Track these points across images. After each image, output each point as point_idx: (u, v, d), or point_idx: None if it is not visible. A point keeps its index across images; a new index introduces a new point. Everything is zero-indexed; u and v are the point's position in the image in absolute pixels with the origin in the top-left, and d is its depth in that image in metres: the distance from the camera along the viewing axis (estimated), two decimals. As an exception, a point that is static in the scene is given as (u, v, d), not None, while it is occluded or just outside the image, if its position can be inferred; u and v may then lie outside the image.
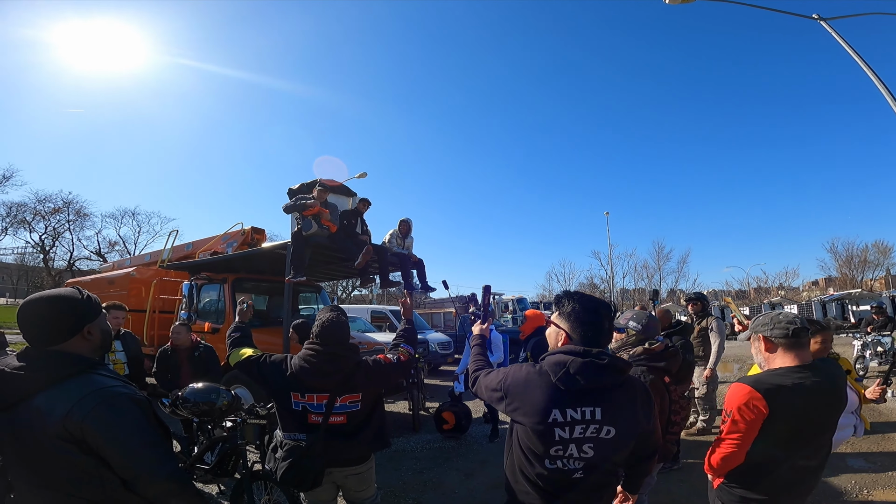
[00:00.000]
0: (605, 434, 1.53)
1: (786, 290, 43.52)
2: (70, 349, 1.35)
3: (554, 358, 1.58)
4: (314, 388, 2.31)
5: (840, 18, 10.24)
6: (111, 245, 38.74)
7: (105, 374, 1.37)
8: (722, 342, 5.80)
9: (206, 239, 9.12)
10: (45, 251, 36.39)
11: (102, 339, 1.46)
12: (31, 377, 1.25)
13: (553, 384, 1.53)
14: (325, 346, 2.36)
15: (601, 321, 1.63)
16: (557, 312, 1.69)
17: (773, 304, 27.14)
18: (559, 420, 1.50)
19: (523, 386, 1.59)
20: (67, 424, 1.20)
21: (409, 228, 7.26)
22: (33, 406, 1.23)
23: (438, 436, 6.08)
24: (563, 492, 1.58)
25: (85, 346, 1.39)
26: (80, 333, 1.38)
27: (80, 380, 1.30)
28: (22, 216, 34.71)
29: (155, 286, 8.51)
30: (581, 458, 1.54)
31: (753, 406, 1.87)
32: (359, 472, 2.45)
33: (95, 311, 1.45)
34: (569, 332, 1.63)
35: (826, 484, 4.33)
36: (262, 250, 6.85)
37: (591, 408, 1.52)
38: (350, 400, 2.37)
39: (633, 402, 1.62)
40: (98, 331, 1.44)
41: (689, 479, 4.36)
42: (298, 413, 2.32)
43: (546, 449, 1.54)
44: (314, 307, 8.89)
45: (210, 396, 3.32)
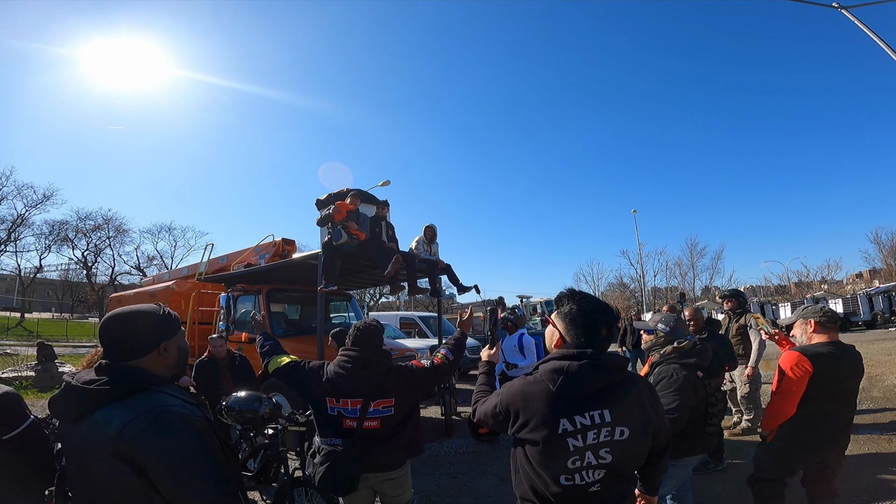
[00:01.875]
0: (620, 435, 1.46)
1: (828, 284, 41.65)
2: (146, 366, 1.33)
3: (549, 366, 1.51)
4: (348, 392, 2.37)
5: (861, 6, 9.94)
6: (150, 259, 40.50)
7: (170, 392, 1.32)
8: (762, 339, 5.61)
9: (239, 251, 9.41)
10: (87, 267, 38.19)
11: (179, 357, 1.44)
12: (95, 391, 1.23)
13: (554, 393, 1.45)
14: (359, 352, 2.42)
15: (598, 325, 1.55)
16: (556, 311, 1.63)
17: (817, 298, 25.97)
18: (569, 429, 1.42)
19: (522, 401, 1.50)
20: (119, 443, 1.16)
21: (435, 234, 7.31)
22: (93, 420, 1.21)
23: (471, 440, 6.07)
24: None
25: (160, 364, 1.37)
26: (155, 350, 1.36)
27: (141, 397, 1.26)
28: (64, 234, 36.55)
29: (194, 298, 8.82)
30: (600, 466, 1.46)
31: (802, 366, 2.65)
32: (394, 477, 2.48)
33: (173, 329, 1.43)
34: (563, 334, 1.58)
35: (884, 481, 4.24)
36: (294, 261, 7.03)
37: (599, 411, 1.45)
38: (383, 405, 2.41)
39: (639, 397, 1.56)
40: (175, 348, 1.41)
41: (737, 480, 4.24)
42: (334, 418, 2.39)
43: (563, 462, 1.44)
44: (345, 315, 9.05)
45: (253, 405, 3.42)
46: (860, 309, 23.61)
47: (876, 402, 7.40)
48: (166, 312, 1.44)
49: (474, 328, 20.86)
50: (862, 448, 5.21)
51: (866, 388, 8.44)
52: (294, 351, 6.79)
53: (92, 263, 38.43)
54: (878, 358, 11.94)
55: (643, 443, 1.55)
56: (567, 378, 1.44)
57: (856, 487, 4.12)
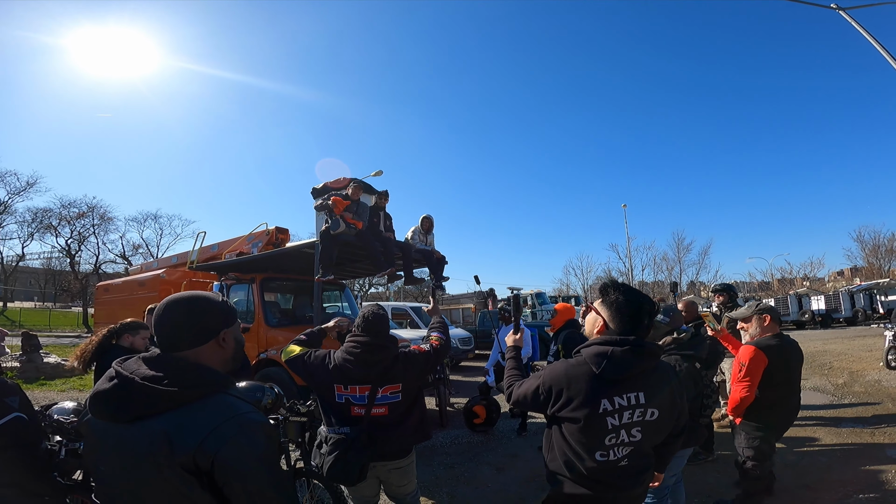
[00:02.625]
0: (650, 416, 1.61)
1: (810, 281, 42.46)
2: (202, 357, 1.22)
3: (592, 350, 1.63)
4: (357, 379, 2.37)
5: (858, 8, 10.08)
6: (135, 248, 39.76)
7: (237, 395, 1.23)
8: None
9: (231, 240, 9.30)
10: (71, 255, 37.42)
11: (236, 349, 1.33)
12: (163, 392, 1.09)
13: (597, 375, 1.57)
14: (368, 337, 2.43)
15: (642, 315, 1.66)
16: (601, 300, 1.74)
17: (800, 295, 26.44)
18: (609, 409, 1.56)
19: (566, 382, 1.62)
20: (199, 455, 1.04)
21: (432, 225, 7.31)
22: (157, 427, 1.07)
23: (466, 431, 6.13)
24: (611, 480, 1.63)
25: (218, 356, 1.26)
26: (215, 339, 1.25)
27: (215, 402, 1.14)
28: (48, 221, 35.76)
29: (184, 287, 8.71)
30: (630, 444, 1.61)
31: (759, 358, 3.21)
32: (401, 465, 2.49)
33: (233, 317, 1.33)
34: (607, 321, 1.68)
35: (868, 473, 4.36)
36: (291, 250, 6.96)
37: (635, 393, 1.59)
38: (391, 391, 2.42)
39: (669, 383, 1.71)
40: (233, 339, 1.31)
41: (726, 471, 4.36)
42: (342, 406, 2.38)
43: (600, 439, 1.58)
44: (338, 305, 9.02)
45: (255, 395, 3.37)
46: (842, 306, 24.08)
47: (858, 396, 7.57)
48: (224, 300, 1.35)
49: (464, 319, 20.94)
50: (845, 440, 5.37)
51: (848, 384, 8.65)
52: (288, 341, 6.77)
53: (76, 252, 37.64)
54: (859, 354, 12.22)
55: (669, 424, 1.71)
56: (611, 361, 1.56)
57: (841, 479, 4.25)
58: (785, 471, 4.49)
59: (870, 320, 23.27)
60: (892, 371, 9.23)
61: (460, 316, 20.94)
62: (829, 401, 7.47)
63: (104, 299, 10.77)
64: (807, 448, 5.22)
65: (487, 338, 16.01)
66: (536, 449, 5.35)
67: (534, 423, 6.38)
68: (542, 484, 4.35)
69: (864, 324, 23.18)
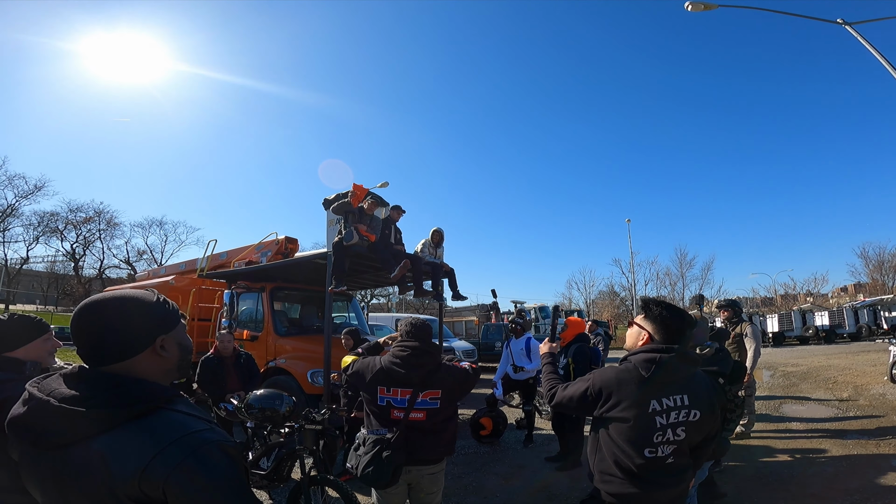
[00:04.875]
0: (693, 417, 1.77)
1: (813, 297, 42.38)
2: (137, 369, 1.03)
3: (641, 357, 1.80)
4: (400, 381, 2.47)
5: (865, 23, 10.17)
6: (139, 254, 40.01)
7: (185, 410, 1.03)
8: (758, 347, 5.79)
9: (240, 248, 9.42)
10: (75, 259, 37.64)
11: (181, 356, 1.12)
12: (85, 415, 0.92)
13: (646, 378, 1.74)
14: (416, 342, 2.55)
15: (685, 327, 1.87)
16: (643, 315, 1.93)
17: (804, 311, 26.43)
18: (657, 409, 1.73)
19: (616, 385, 1.79)
20: (145, 483, 0.89)
21: (442, 238, 7.41)
22: (94, 451, 0.91)
23: (472, 441, 6.16)
24: (657, 477, 1.77)
25: (156, 366, 1.06)
26: (150, 347, 1.05)
27: (158, 420, 0.97)
28: (54, 225, 36.01)
29: (194, 294, 8.81)
30: (674, 442, 1.76)
31: None
32: (434, 472, 2.57)
33: (172, 320, 1.12)
34: (652, 333, 1.87)
35: (874, 482, 4.43)
36: (303, 260, 7.07)
37: (680, 395, 1.76)
38: (430, 396, 2.51)
39: (707, 388, 1.88)
40: (175, 345, 1.10)
41: (734, 482, 4.47)
42: (383, 409, 2.48)
43: (649, 437, 1.73)
44: (345, 315, 9.10)
45: (274, 403, 3.47)
46: (846, 321, 24.10)
47: (862, 409, 7.63)
48: (162, 300, 1.12)
49: (467, 331, 20.97)
50: (851, 451, 5.43)
51: (853, 397, 8.71)
52: (296, 350, 6.87)
53: (80, 256, 37.93)
54: (863, 369, 12.24)
55: (708, 425, 1.87)
56: (659, 367, 1.74)
57: (847, 488, 4.31)
58: (791, 481, 4.56)
59: (874, 336, 23.24)
60: None
61: (463, 328, 21.00)
62: (833, 414, 7.52)
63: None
64: (813, 458, 5.27)
65: (491, 350, 16.03)
66: (543, 460, 5.40)
67: (539, 435, 6.42)
68: (551, 495, 4.47)
69: (867, 339, 23.14)
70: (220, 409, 4.39)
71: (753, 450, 5.59)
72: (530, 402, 6.22)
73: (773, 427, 6.75)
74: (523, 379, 6.09)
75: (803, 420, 7.19)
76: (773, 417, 7.46)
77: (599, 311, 42.83)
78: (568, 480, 4.78)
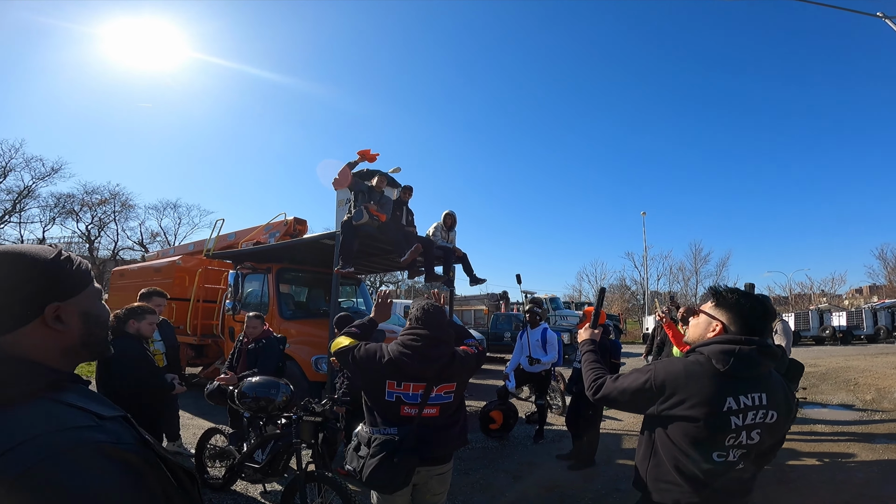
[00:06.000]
0: (770, 419, 1.54)
1: (828, 297, 41.51)
2: (21, 346, 0.81)
3: (716, 348, 1.55)
4: (413, 375, 2.18)
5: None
6: (153, 236, 40.13)
7: (73, 401, 0.81)
8: (789, 345, 5.47)
9: (248, 229, 9.24)
10: (90, 241, 37.94)
11: (87, 331, 0.88)
12: None
13: (721, 373, 1.51)
14: (430, 330, 2.25)
15: (768, 318, 1.65)
16: (714, 303, 1.68)
17: (821, 311, 25.87)
18: (734, 408, 1.49)
19: (685, 379, 1.55)
20: None
21: (454, 222, 7.14)
22: None
23: (480, 435, 5.93)
24: (726, 484, 1.55)
25: (48, 343, 0.84)
26: (40, 318, 0.82)
27: (28, 410, 0.76)
28: (70, 207, 36.28)
29: (199, 275, 8.67)
30: (745, 446, 1.53)
31: None
32: (442, 472, 2.32)
33: (76, 283, 0.88)
34: (727, 323, 1.62)
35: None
36: (310, 240, 6.83)
37: (759, 393, 1.53)
38: (445, 390, 2.25)
39: (783, 388, 1.64)
40: (76, 316, 0.87)
41: (760, 486, 4.02)
42: (391, 405, 2.19)
43: (720, 439, 1.51)
44: (353, 300, 8.89)
45: (269, 392, 3.23)
46: (864, 323, 23.53)
47: (888, 413, 7.38)
48: (63, 257, 0.88)
49: (476, 321, 20.71)
50: (881, 456, 5.18)
51: (876, 400, 8.40)
52: (301, 334, 6.66)
53: (95, 237, 38.18)
54: (885, 371, 11.86)
55: (783, 429, 1.64)
56: (739, 359, 1.50)
57: (880, 495, 4.10)
58: (821, 486, 4.32)
59: (891, 338, 22.70)
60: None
61: (472, 317, 20.75)
62: (858, 417, 7.27)
63: (119, 284, 10.75)
64: (841, 463, 5.01)
65: (500, 340, 15.77)
66: (555, 457, 5.16)
67: (550, 431, 6.18)
68: (562, 494, 4.21)
69: (885, 341, 22.63)
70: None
71: (779, 453, 5.28)
72: (543, 396, 5.96)
73: (798, 429, 6.44)
74: (538, 371, 5.82)
75: (828, 422, 6.89)
76: (797, 419, 7.14)
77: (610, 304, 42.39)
78: (581, 480, 4.54)
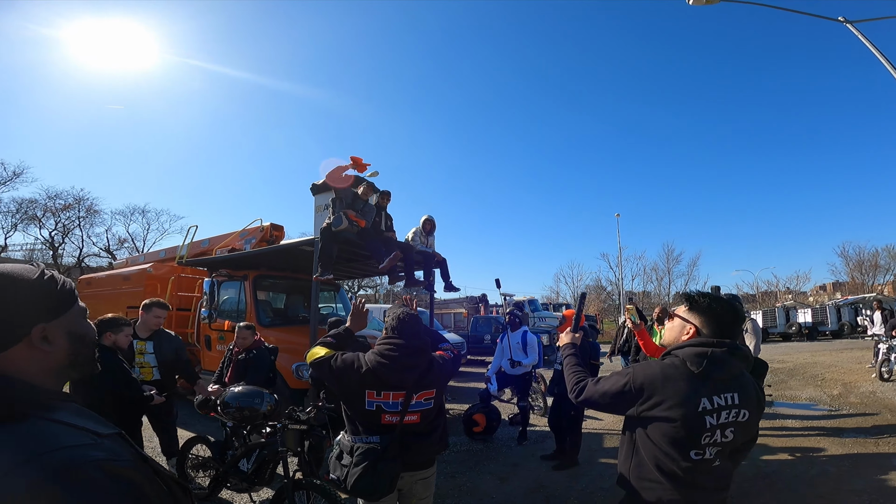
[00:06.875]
0: (742, 417, 1.61)
1: (794, 294, 43.14)
2: (11, 367, 0.82)
3: (690, 351, 1.63)
4: (392, 384, 2.19)
5: (867, 21, 10.08)
6: (120, 242, 38.84)
7: (67, 419, 0.81)
8: (758, 343, 5.67)
9: (222, 235, 9.03)
10: (54, 248, 36.51)
11: (74, 350, 0.89)
12: None
13: (696, 375, 1.58)
14: (406, 340, 2.26)
15: (739, 321, 1.71)
16: (687, 307, 1.74)
17: (787, 308, 26.82)
18: (708, 408, 1.57)
19: (662, 381, 1.61)
20: None
21: (433, 226, 7.15)
22: None
23: (465, 438, 5.94)
24: (704, 481, 1.62)
25: (35, 363, 0.84)
26: (27, 338, 0.83)
27: (19, 431, 0.76)
28: (32, 212, 34.84)
29: (172, 283, 8.43)
30: (721, 444, 1.60)
31: None
32: (426, 476, 2.35)
33: (62, 302, 0.89)
34: (700, 327, 1.69)
35: (879, 482, 4.38)
36: (289, 246, 6.73)
37: (732, 393, 1.60)
38: (425, 397, 2.27)
39: (754, 387, 1.71)
40: (63, 337, 0.87)
41: (737, 482, 4.13)
42: (371, 413, 2.19)
43: (696, 438, 1.57)
44: (332, 306, 8.79)
45: (254, 401, 3.18)
46: (828, 319, 24.47)
47: (855, 407, 7.61)
48: (47, 277, 0.89)
49: (456, 324, 20.73)
50: (851, 450, 5.36)
51: (843, 395, 8.70)
52: (280, 341, 6.56)
53: (59, 244, 36.72)
54: (851, 366, 12.33)
55: (754, 427, 1.71)
56: (712, 361, 1.58)
57: (854, 488, 4.23)
58: (796, 481, 4.46)
59: (854, 333, 23.67)
60: (885, 382, 9.30)
61: (452, 320, 20.77)
62: (827, 412, 7.50)
63: (86, 293, 10.34)
64: (814, 457, 5.18)
65: (480, 343, 15.83)
66: (540, 458, 5.20)
67: (533, 432, 6.22)
68: (548, 495, 4.24)
69: (848, 337, 23.57)
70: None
71: (753, 448, 5.45)
72: (525, 398, 6.00)
73: (769, 425, 6.65)
74: (519, 374, 5.86)
75: (798, 418, 7.12)
76: (768, 415, 7.36)
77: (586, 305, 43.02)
78: (566, 480, 4.58)
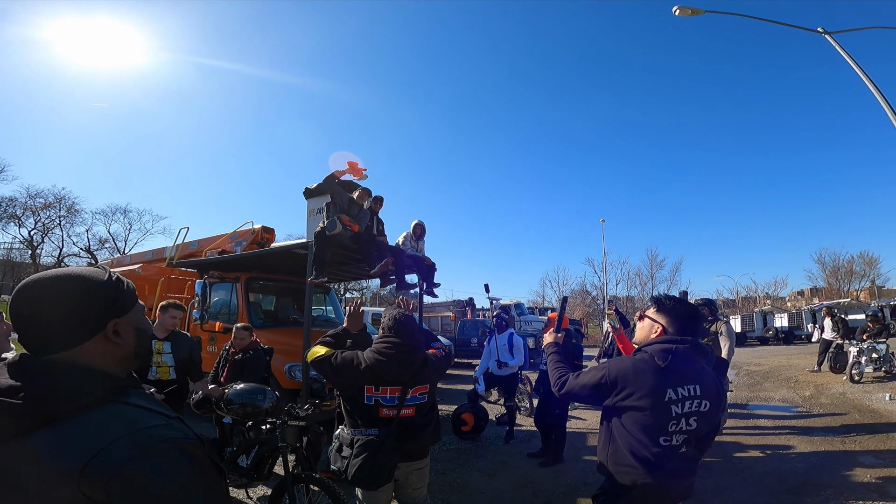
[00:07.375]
0: (703, 407, 1.80)
1: (772, 300, 44.23)
2: (86, 358, 0.90)
3: (657, 347, 1.84)
4: (389, 380, 2.36)
5: (843, 32, 10.47)
6: (101, 242, 38.20)
7: (139, 403, 0.91)
8: (732, 345, 5.92)
9: (213, 237, 9.05)
10: (33, 247, 35.72)
11: (138, 343, 0.99)
12: (27, 407, 0.81)
13: (662, 368, 1.78)
14: (402, 339, 2.45)
15: (699, 320, 1.96)
16: (655, 309, 1.97)
17: (765, 312, 27.54)
18: (673, 398, 1.76)
19: (633, 374, 1.81)
20: (84, 483, 0.77)
21: (423, 231, 7.29)
22: (30, 448, 0.80)
23: (454, 437, 6.09)
24: (673, 465, 1.80)
25: (108, 354, 0.93)
26: (102, 332, 0.92)
27: (106, 414, 0.85)
28: (12, 211, 34.06)
29: (162, 284, 8.43)
30: (686, 432, 1.79)
31: None
32: (421, 467, 2.52)
33: (128, 301, 0.98)
34: (666, 326, 1.91)
35: (844, 477, 4.62)
36: (282, 249, 6.82)
37: (693, 385, 1.80)
38: (420, 391, 2.45)
39: (713, 380, 1.91)
40: (131, 330, 0.97)
41: (711, 476, 4.56)
42: (370, 407, 2.36)
43: (664, 425, 1.76)
44: (322, 308, 8.88)
45: (256, 398, 3.29)
46: (804, 324, 25.15)
47: (825, 408, 7.95)
48: (115, 278, 0.98)
49: (443, 327, 20.87)
50: (819, 448, 5.64)
51: (815, 396, 9.06)
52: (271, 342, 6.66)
53: (38, 244, 35.95)
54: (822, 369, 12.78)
55: (715, 417, 1.89)
56: (675, 356, 1.79)
57: (820, 483, 4.47)
58: (766, 476, 4.69)
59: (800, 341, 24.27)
60: (855, 384, 9.69)
61: (439, 323, 20.90)
62: (798, 412, 7.81)
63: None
64: (783, 454, 5.44)
65: (467, 346, 16.00)
66: (526, 455, 5.39)
67: (520, 431, 6.41)
68: (536, 490, 4.44)
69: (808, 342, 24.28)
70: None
71: (726, 445, 5.74)
72: (512, 398, 6.20)
73: (743, 424, 6.95)
74: (506, 374, 6.06)
75: (770, 417, 7.43)
76: (742, 414, 7.68)
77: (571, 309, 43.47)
78: (551, 476, 4.78)
